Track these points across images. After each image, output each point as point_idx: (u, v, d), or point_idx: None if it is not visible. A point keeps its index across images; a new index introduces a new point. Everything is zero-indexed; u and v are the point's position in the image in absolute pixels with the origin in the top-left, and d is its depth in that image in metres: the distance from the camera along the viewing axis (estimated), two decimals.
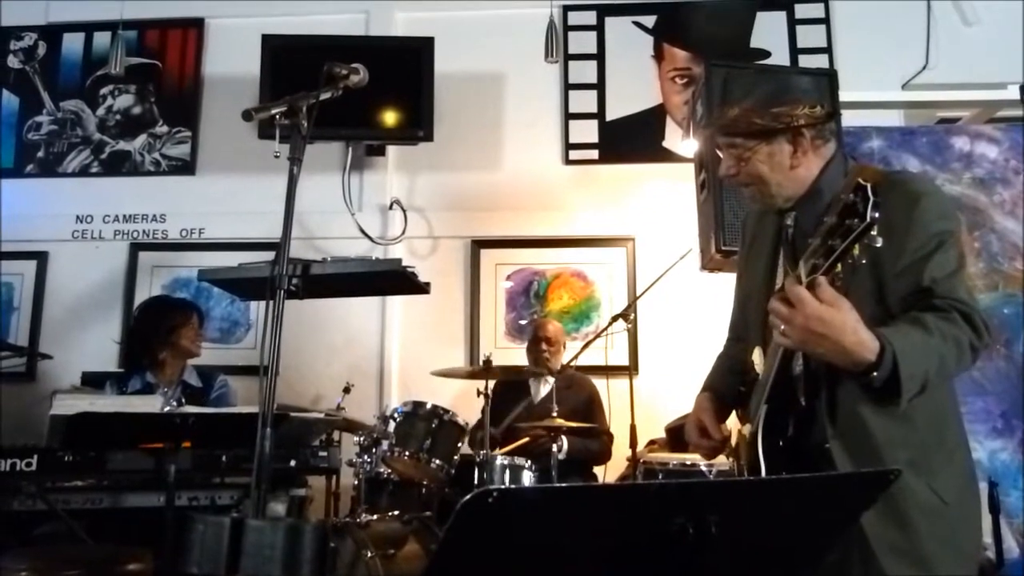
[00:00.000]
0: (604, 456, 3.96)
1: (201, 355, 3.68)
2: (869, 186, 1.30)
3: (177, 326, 3.55)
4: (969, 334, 1.54)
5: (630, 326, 3.94)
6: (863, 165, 1.80)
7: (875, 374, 1.46)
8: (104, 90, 5.03)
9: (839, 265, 1.39)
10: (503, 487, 0.82)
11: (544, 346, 4.05)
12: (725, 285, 3.61)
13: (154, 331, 3.55)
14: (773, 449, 1.68)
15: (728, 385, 1.96)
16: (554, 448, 3.46)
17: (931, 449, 1.60)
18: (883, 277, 1.61)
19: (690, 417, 1.95)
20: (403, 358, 4.62)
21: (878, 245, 1.33)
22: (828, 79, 3.41)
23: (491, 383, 3.53)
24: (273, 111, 1.86)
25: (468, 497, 0.84)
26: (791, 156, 1.72)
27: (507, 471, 3.37)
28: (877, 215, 1.29)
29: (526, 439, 3.69)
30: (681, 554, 0.98)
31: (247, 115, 1.83)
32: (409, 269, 2.23)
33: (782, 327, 1.49)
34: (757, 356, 1.81)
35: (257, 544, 1.58)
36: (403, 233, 4.68)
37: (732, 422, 1.95)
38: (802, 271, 1.47)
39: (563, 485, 0.92)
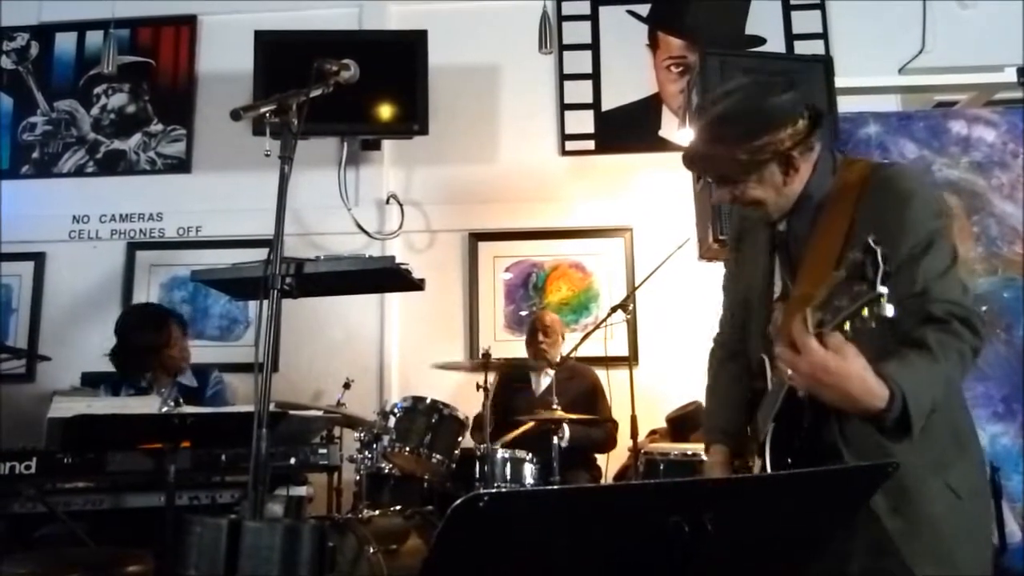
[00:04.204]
0: (608, 444, 3.95)
1: (190, 361, 3.67)
2: (879, 251, 1.26)
3: (159, 347, 3.52)
4: (970, 340, 1.53)
5: (629, 316, 3.93)
6: (851, 160, 1.77)
7: (887, 415, 1.43)
8: (98, 89, 5.01)
9: (847, 324, 1.36)
10: (494, 491, 0.80)
11: (542, 337, 4.05)
12: (723, 274, 3.61)
13: (135, 354, 3.53)
14: (781, 466, 1.66)
15: (735, 423, 1.90)
16: (555, 440, 3.45)
17: (946, 445, 1.59)
18: None
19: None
20: (403, 353, 4.61)
21: (889, 315, 1.27)
22: (823, 66, 3.40)
23: (491, 376, 3.52)
24: (262, 110, 1.84)
25: (459, 501, 0.83)
26: (783, 176, 1.70)
27: (508, 464, 3.37)
28: (886, 290, 1.26)
29: (527, 426, 3.66)
30: (677, 552, 0.97)
31: (235, 115, 1.81)
32: (403, 266, 2.22)
33: (790, 372, 1.48)
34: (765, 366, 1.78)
35: (255, 545, 1.58)
36: (400, 227, 4.68)
37: None
38: (809, 320, 1.42)
39: (555, 487, 0.91)
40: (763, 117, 1.65)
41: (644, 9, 4.90)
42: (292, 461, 2.96)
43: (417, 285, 2.39)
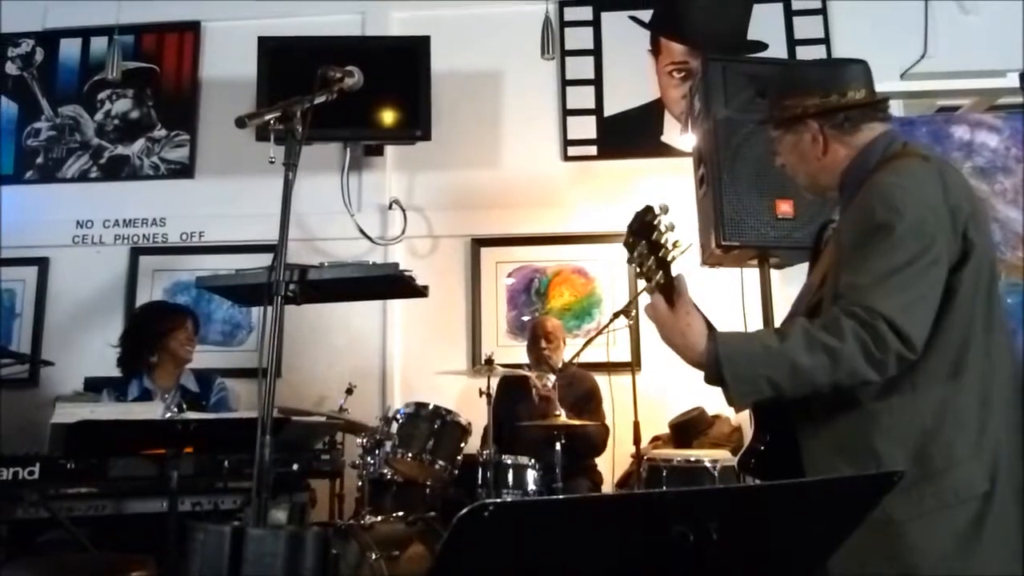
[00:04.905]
0: (599, 446, 3.92)
1: (193, 360, 3.67)
2: (645, 207, 1.61)
3: (170, 330, 3.54)
4: (859, 342, 1.45)
5: (632, 322, 3.92)
6: (900, 149, 1.68)
7: (706, 369, 1.57)
8: (102, 95, 5.03)
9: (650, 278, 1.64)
10: (499, 501, 0.80)
11: (543, 343, 4.03)
12: (725, 280, 3.61)
13: (147, 334, 3.56)
14: (751, 450, 1.74)
15: None
16: (557, 446, 3.44)
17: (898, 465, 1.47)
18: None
19: None
20: (405, 358, 4.61)
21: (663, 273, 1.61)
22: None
23: (494, 382, 3.52)
24: (267, 117, 1.85)
25: (464, 511, 0.83)
26: (812, 145, 1.73)
27: (511, 471, 3.36)
28: (628, 240, 1.66)
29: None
30: (682, 562, 0.97)
31: (240, 122, 1.82)
32: (407, 273, 2.22)
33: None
34: None
35: (258, 552, 1.58)
36: (403, 233, 4.68)
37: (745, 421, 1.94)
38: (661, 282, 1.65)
39: (561, 497, 0.91)
40: (791, 81, 1.79)
41: (646, 15, 4.90)
42: (295, 467, 2.97)
43: (421, 292, 2.39)
